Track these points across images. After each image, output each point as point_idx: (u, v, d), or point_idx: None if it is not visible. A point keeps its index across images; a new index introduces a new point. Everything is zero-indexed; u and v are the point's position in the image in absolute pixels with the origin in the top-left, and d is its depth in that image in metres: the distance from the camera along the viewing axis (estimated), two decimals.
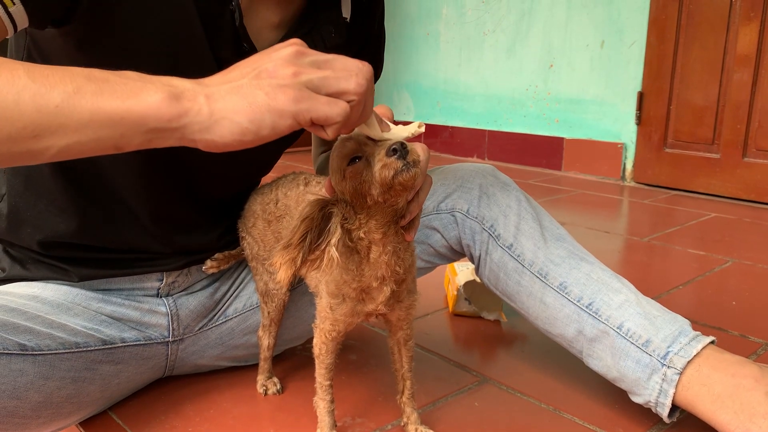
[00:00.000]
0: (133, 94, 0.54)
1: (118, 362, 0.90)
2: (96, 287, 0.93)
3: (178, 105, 0.54)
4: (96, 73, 0.55)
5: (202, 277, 1.01)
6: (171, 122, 0.54)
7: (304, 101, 0.55)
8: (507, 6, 3.15)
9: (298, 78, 0.56)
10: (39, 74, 0.53)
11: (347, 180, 0.65)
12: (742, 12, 2.36)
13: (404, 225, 0.71)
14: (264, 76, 0.56)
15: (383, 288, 0.72)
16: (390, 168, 0.61)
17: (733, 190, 2.47)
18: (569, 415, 0.94)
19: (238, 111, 0.54)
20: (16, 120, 0.52)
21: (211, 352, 1.02)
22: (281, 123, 0.55)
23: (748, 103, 2.40)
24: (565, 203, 2.40)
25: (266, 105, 0.54)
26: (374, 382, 1.03)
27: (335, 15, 0.89)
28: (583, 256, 0.95)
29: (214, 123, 0.55)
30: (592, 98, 2.90)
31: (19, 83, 0.52)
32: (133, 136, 0.55)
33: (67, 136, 0.53)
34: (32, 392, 0.77)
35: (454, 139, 3.50)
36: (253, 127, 0.55)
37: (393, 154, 0.61)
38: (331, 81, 0.57)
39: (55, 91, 0.52)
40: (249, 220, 0.94)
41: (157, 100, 0.54)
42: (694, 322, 1.28)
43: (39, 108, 0.52)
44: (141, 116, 0.54)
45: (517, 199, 0.98)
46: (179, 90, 0.55)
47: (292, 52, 0.57)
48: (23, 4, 0.64)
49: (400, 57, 3.70)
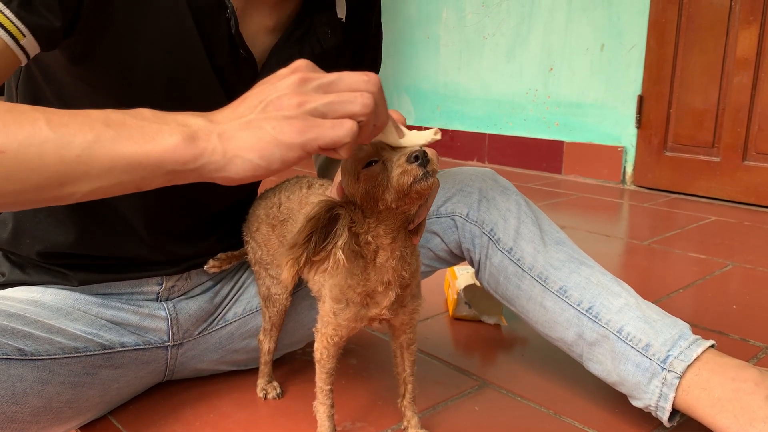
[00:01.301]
0: (150, 138, 0.55)
1: (118, 367, 0.90)
2: (95, 291, 0.93)
3: (194, 146, 0.55)
4: (113, 117, 0.55)
5: (202, 280, 1.01)
6: (188, 164, 0.55)
7: (309, 131, 0.55)
8: (507, 10, 3.15)
9: (303, 108, 0.56)
10: (58, 123, 0.54)
11: (361, 183, 0.64)
12: (741, 15, 2.37)
13: (412, 229, 0.71)
14: (270, 108, 0.56)
15: (388, 293, 0.72)
16: (410, 175, 0.60)
17: (733, 194, 2.47)
18: (569, 419, 0.94)
19: (249, 148, 0.55)
20: (41, 171, 0.54)
21: (211, 356, 1.02)
22: (290, 155, 0.55)
23: (748, 106, 2.40)
24: (565, 207, 2.40)
25: (274, 139, 0.55)
26: (374, 387, 1.03)
27: (330, 16, 0.89)
28: (583, 260, 0.95)
29: (228, 162, 0.55)
30: (592, 102, 2.90)
31: (41, 135, 0.53)
32: (154, 178, 0.56)
33: (90, 183, 0.55)
34: (32, 397, 0.77)
35: (455, 143, 3.50)
36: (264, 163, 0.55)
37: (414, 161, 0.60)
38: (336, 106, 0.56)
39: (75, 141, 0.54)
40: (253, 225, 0.94)
41: (173, 143, 0.54)
42: (695, 325, 1.28)
43: (62, 159, 0.54)
44: (159, 160, 0.55)
45: (517, 203, 0.98)
46: (193, 130, 0.55)
47: (296, 80, 0.57)
48: (33, 35, 0.66)
49: (400, 60, 3.71)
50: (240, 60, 0.83)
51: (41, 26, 0.66)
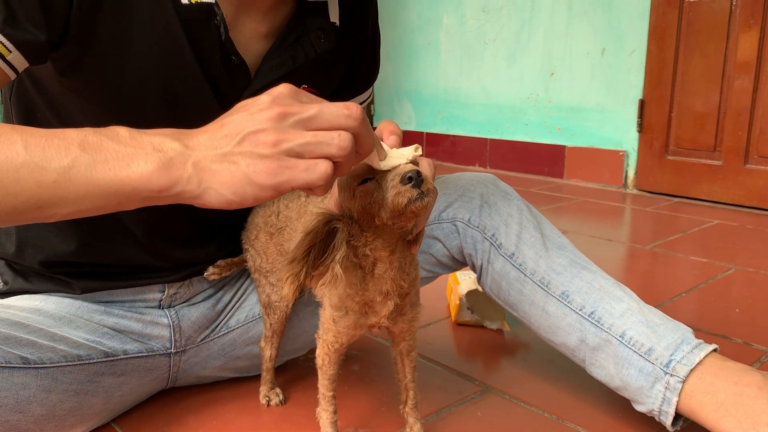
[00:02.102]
0: (125, 165, 0.55)
1: (121, 374, 0.90)
2: (98, 299, 0.93)
3: (168, 175, 0.55)
4: (90, 138, 0.56)
5: (204, 287, 1.01)
6: (162, 192, 0.55)
7: (282, 173, 0.54)
8: (507, 15, 3.16)
9: (279, 147, 0.54)
10: (35, 146, 0.55)
11: (357, 199, 0.64)
12: (741, 19, 2.37)
13: (410, 239, 0.71)
14: (247, 143, 0.55)
15: (387, 302, 0.72)
16: (404, 196, 0.60)
17: (735, 197, 2.47)
18: (572, 424, 0.94)
19: (222, 183, 0.55)
20: (18, 195, 0.55)
21: (214, 363, 1.02)
22: (262, 194, 0.55)
23: (749, 109, 2.40)
24: (567, 211, 2.40)
25: (247, 178, 0.54)
26: (376, 393, 1.03)
27: (323, 20, 0.90)
28: (585, 265, 0.95)
29: (203, 192, 0.55)
30: (593, 106, 2.90)
31: (18, 159, 0.54)
32: (130, 203, 0.57)
33: (68, 207, 0.56)
34: (35, 405, 0.77)
35: (456, 148, 3.50)
36: (237, 199, 0.55)
37: (408, 183, 0.60)
38: (313, 147, 0.55)
39: (52, 166, 0.54)
40: (252, 233, 0.94)
41: (148, 171, 0.54)
42: (697, 329, 1.28)
43: (38, 184, 0.54)
44: (134, 188, 0.55)
45: (519, 208, 0.98)
46: (169, 156, 0.55)
47: (275, 115, 0.55)
48: (19, 50, 0.66)
49: (400, 66, 3.71)
50: (232, 67, 0.83)
51: (27, 41, 0.67)
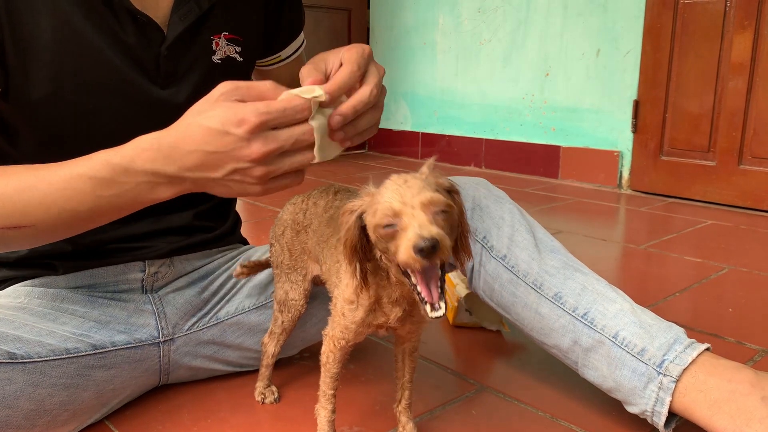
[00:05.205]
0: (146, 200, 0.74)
1: (111, 367, 0.90)
2: (81, 283, 0.94)
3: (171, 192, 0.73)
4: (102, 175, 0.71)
5: (186, 270, 1.02)
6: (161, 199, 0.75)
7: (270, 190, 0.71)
8: (503, 16, 3.17)
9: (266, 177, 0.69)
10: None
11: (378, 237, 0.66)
12: (736, 20, 2.38)
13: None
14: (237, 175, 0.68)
15: (395, 308, 0.74)
16: (415, 262, 0.61)
17: (729, 198, 2.48)
18: (566, 422, 0.94)
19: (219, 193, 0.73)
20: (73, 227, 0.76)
21: (204, 352, 1.02)
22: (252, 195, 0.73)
23: (743, 110, 2.41)
24: (561, 211, 2.41)
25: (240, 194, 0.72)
26: (372, 392, 1.03)
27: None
28: (578, 267, 0.95)
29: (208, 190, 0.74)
30: (588, 107, 2.91)
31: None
32: None
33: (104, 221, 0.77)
34: (22, 400, 0.77)
35: (451, 148, 3.51)
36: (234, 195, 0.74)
37: (419, 254, 0.60)
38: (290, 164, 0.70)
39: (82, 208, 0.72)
40: (279, 228, 0.95)
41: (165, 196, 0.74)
42: (691, 329, 1.28)
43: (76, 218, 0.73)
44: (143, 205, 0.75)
45: (510, 211, 0.98)
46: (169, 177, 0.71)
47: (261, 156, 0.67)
48: None
49: (396, 66, 3.72)
50: (144, 27, 0.85)
51: None
